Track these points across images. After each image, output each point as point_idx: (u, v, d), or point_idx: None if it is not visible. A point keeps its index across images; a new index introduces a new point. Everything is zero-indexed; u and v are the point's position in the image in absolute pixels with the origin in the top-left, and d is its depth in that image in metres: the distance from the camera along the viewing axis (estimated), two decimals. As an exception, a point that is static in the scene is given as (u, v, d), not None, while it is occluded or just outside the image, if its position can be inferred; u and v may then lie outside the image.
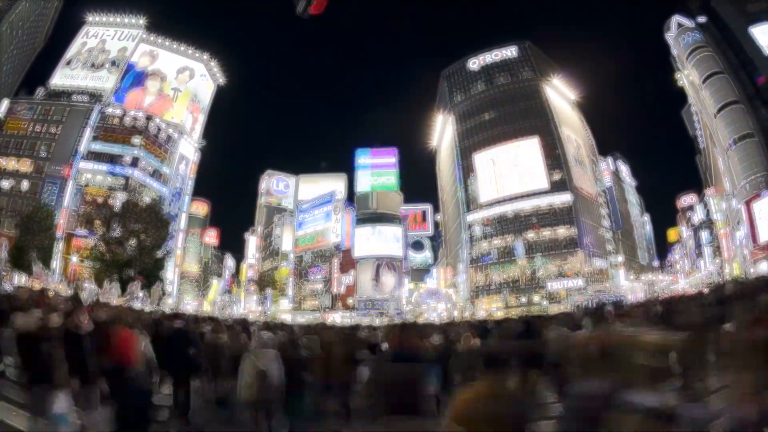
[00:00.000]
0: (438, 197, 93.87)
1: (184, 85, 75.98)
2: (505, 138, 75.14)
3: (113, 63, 70.09)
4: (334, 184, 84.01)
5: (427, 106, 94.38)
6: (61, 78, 67.99)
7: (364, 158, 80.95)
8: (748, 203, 49.56)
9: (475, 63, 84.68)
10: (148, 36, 73.75)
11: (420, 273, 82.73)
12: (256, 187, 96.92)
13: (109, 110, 65.66)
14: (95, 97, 66.12)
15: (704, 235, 78.90)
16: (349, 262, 74.08)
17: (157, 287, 47.90)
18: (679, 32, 64.05)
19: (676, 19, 65.02)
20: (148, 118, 67.71)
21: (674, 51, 66.56)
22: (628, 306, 14.59)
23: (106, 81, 68.06)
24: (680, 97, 73.89)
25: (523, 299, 67.91)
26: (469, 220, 74.12)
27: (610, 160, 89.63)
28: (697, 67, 60.46)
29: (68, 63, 69.73)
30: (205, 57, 78.34)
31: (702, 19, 61.12)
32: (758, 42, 51.27)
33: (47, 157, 60.12)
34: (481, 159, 75.43)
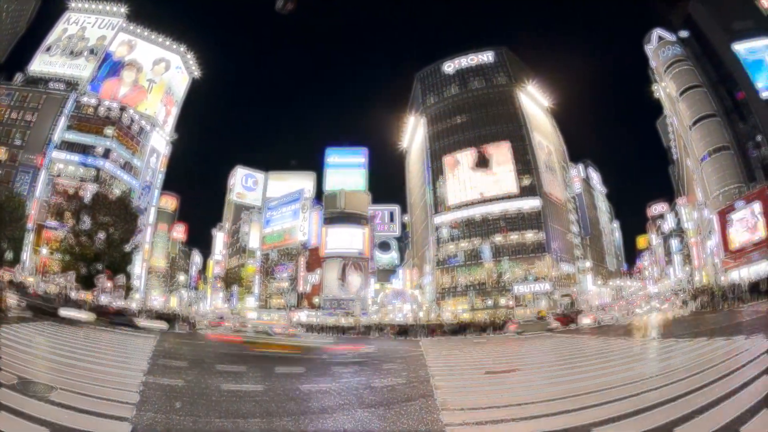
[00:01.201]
0: (406, 198, 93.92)
1: (159, 76, 74.71)
2: (476, 142, 75.17)
3: (91, 51, 68.58)
4: (303, 182, 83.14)
5: (399, 108, 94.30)
6: (39, 64, 66.29)
7: (333, 157, 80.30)
8: (720, 213, 50.09)
9: (450, 66, 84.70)
10: (127, 25, 72.41)
11: (386, 273, 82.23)
12: (226, 182, 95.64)
13: (85, 99, 64.23)
14: (71, 85, 64.67)
15: (674, 242, 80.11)
16: (315, 261, 73.22)
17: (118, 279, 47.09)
18: (660, 45, 65.08)
19: (657, 32, 66.20)
20: (122, 109, 66.44)
21: (653, 63, 67.59)
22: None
23: (83, 69, 66.59)
24: (656, 108, 75.08)
25: (489, 302, 67.87)
26: (436, 222, 73.88)
27: (581, 167, 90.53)
28: (676, 79, 61.48)
29: (48, 49, 68.07)
30: (182, 49, 77.15)
31: (684, 33, 62.22)
32: (741, 59, 51.91)
33: (21, 145, 58.51)
34: (451, 162, 75.21)
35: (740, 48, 52.51)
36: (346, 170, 79.27)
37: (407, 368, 16.31)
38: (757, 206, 44.06)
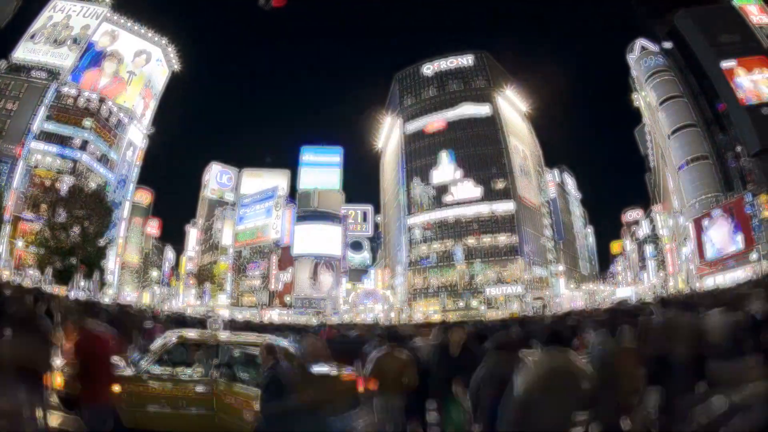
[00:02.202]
0: (380, 198, 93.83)
1: (139, 69, 73.72)
2: (451, 144, 75.39)
3: (75, 40, 67.37)
4: (277, 179, 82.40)
5: (376, 108, 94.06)
6: (23, 52, 64.85)
7: (308, 155, 79.88)
8: (696, 221, 50.74)
9: (429, 68, 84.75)
10: (111, 15, 71.20)
11: (358, 273, 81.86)
12: (200, 178, 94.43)
13: (65, 89, 62.99)
14: (53, 74, 63.38)
15: (649, 249, 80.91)
16: (287, 260, 72.68)
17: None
18: (642, 55, 65.83)
19: (640, 42, 66.87)
20: (101, 100, 65.43)
21: (634, 72, 68.36)
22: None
23: (65, 58, 65.29)
24: (634, 116, 76.12)
25: (461, 304, 67.97)
26: (409, 223, 73.85)
27: (556, 172, 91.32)
28: (656, 89, 62.21)
29: (32, 37, 66.59)
30: (164, 42, 76.19)
31: (667, 44, 62.88)
32: (723, 71, 52.20)
33: (0, 134, 57.15)
34: (426, 163, 75.39)
35: (725, 61, 53.14)
36: (321, 169, 78.95)
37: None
38: (733, 214, 44.85)
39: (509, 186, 72.12)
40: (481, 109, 77.68)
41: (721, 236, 46.27)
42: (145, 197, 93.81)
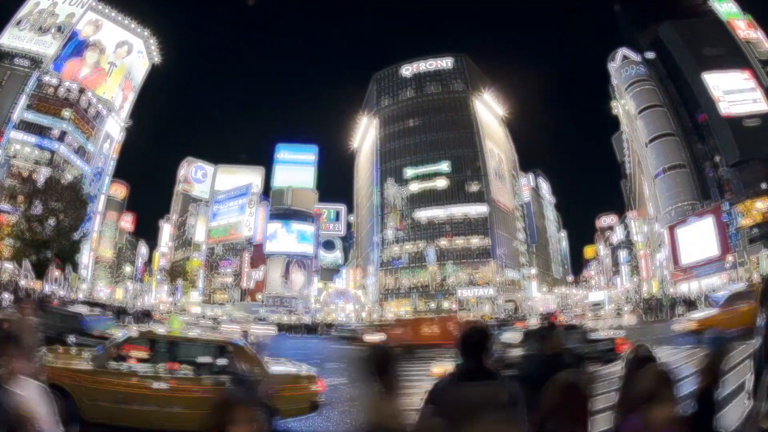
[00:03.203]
0: (353, 198, 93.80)
1: (120, 60, 72.68)
2: (428, 147, 75.61)
3: (59, 29, 66.19)
4: (251, 176, 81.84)
5: (353, 108, 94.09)
6: (9, 38, 63.44)
7: (284, 153, 79.51)
8: (672, 228, 51.65)
9: (408, 70, 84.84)
10: (96, 4, 70.08)
11: (330, 273, 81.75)
12: (175, 173, 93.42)
13: (46, 78, 61.90)
14: (36, 62, 62.20)
15: (623, 254, 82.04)
16: (259, 257, 72.32)
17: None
18: (623, 64, 66.81)
19: (622, 51, 67.94)
20: (81, 91, 64.43)
21: (614, 80, 69.37)
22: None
23: (49, 47, 64.08)
24: (612, 124, 77.12)
25: (432, 305, 68.09)
26: (382, 223, 73.82)
27: (531, 176, 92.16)
28: (636, 98, 63.27)
29: (18, 23, 65.26)
30: (146, 33, 75.19)
31: (650, 54, 63.81)
32: (707, 83, 53.15)
33: None
34: (401, 164, 75.48)
35: (707, 73, 53.89)
36: (296, 167, 78.65)
37: (350, 367, 15.90)
38: (710, 222, 45.64)
39: (483, 189, 72.48)
40: (457, 113, 78.09)
41: (697, 243, 47.00)
42: (120, 191, 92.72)
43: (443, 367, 6.46)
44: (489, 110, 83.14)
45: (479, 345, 2.53)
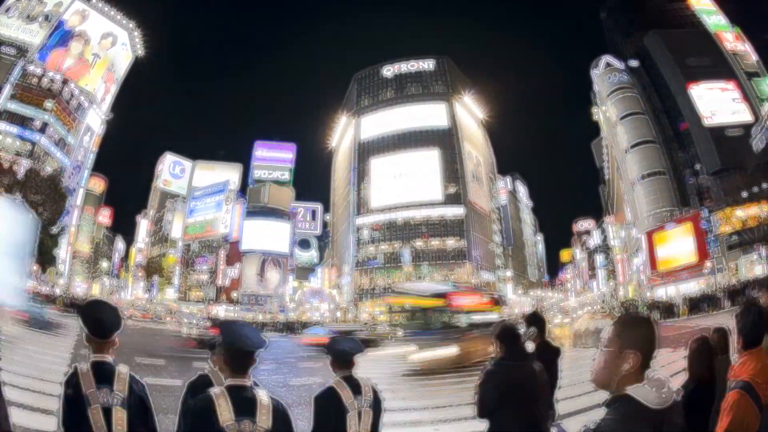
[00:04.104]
0: (330, 197, 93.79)
1: (104, 51, 71.82)
2: (406, 146, 75.86)
3: (46, 17, 65.23)
4: (229, 173, 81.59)
5: (333, 107, 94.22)
6: None
7: (262, 150, 79.46)
8: (650, 233, 52.34)
9: (389, 70, 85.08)
10: None
11: (305, 272, 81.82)
12: (154, 168, 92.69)
13: (31, 68, 60.79)
14: (22, 51, 61.27)
15: (599, 258, 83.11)
16: (235, 255, 72.09)
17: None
18: (607, 71, 67.59)
19: (605, 59, 68.75)
20: (64, 82, 63.39)
21: (596, 87, 70.22)
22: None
23: (35, 35, 63.16)
24: (593, 130, 78.07)
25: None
26: (358, 223, 74.18)
27: (508, 179, 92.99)
28: (618, 105, 64.10)
29: (7, 10, 64.28)
30: (131, 25, 74.37)
31: (634, 63, 64.78)
32: (690, 93, 54.21)
33: None
34: (379, 164, 75.66)
35: (692, 83, 54.68)
36: (273, 165, 78.73)
37: (324, 367, 16.04)
38: (688, 228, 46.37)
39: (460, 191, 73.08)
40: (438, 114, 78.50)
41: (674, 249, 47.86)
42: (98, 185, 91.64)
43: None
44: (468, 112, 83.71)
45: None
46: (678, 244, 47.57)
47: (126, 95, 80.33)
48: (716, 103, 52.74)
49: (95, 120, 72.24)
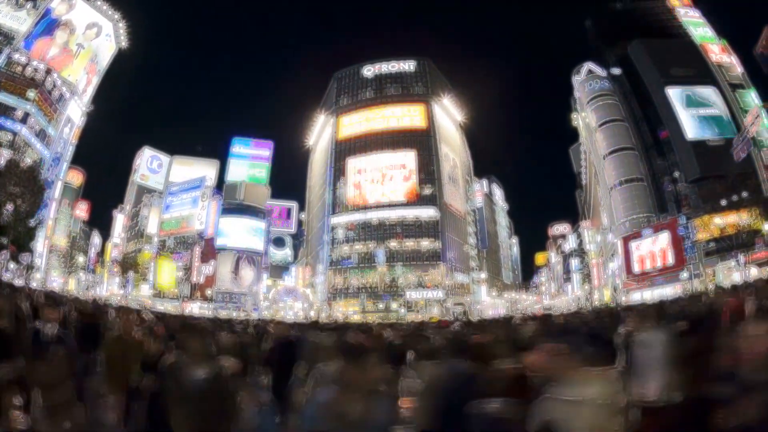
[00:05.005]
0: (305, 196, 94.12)
1: (89, 42, 70.98)
2: (383, 147, 76.33)
3: (34, 5, 64.28)
4: (206, 169, 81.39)
5: (311, 106, 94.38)
6: None
7: (239, 147, 79.34)
8: (626, 239, 53.24)
9: (369, 70, 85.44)
10: None
11: (279, 270, 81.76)
12: (131, 162, 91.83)
13: (16, 56, 59.60)
14: (8, 38, 60.24)
15: (574, 262, 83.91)
16: (210, 252, 72.05)
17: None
18: (588, 78, 68.44)
19: (587, 65, 69.61)
20: (48, 71, 62.22)
21: (577, 93, 70.97)
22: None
23: (23, 23, 62.10)
24: (571, 135, 79.05)
25: (381, 306, 68.85)
26: (333, 222, 74.57)
27: (485, 182, 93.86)
28: (598, 111, 64.90)
29: None
30: (116, 16, 73.67)
31: (616, 70, 65.57)
32: (672, 102, 55.14)
33: None
34: (355, 164, 76.04)
35: (673, 92, 55.57)
36: (250, 162, 78.71)
37: None
38: (666, 235, 47.30)
39: (436, 192, 73.74)
40: (417, 116, 79.09)
41: (651, 254, 48.87)
42: (76, 178, 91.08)
43: None
44: (447, 115, 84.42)
45: None
46: (655, 249, 48.55)
47: (107, 88, 79.57)
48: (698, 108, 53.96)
49: (76, 112, 71.53)
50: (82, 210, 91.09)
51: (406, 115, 79.50)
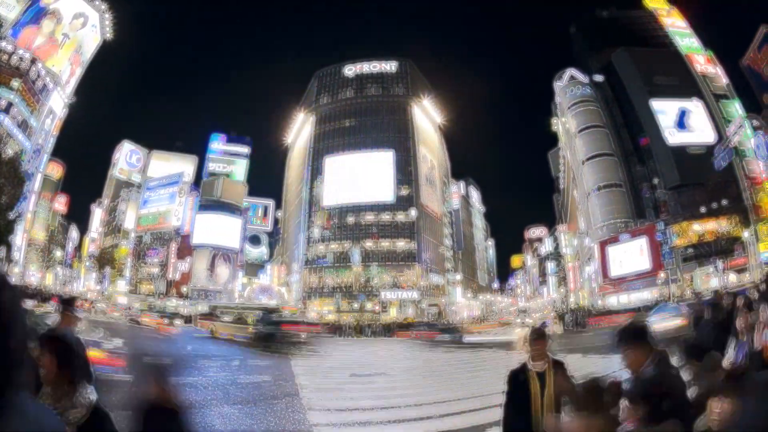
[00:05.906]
0: (282, 194, 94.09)
1: (74, 32, 70.22)
2: (361, 147, 76.83)
3: None
4: (184, 165, 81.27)
5: (290, 103, 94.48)
6: None
7: (217, 143, 79.39)
8: (603, 243, 54.16)
9: (351, 70, 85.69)
10: None
11: (254, 268, 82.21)
12: (111, 155, 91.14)
13: (3, 44, 58.84)
14: None
15: (550, 265, 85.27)
16: (186, 249, 72.29)
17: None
18: (570, 84, 69.22)
19: (570, 71, 70.47)
20: (33, 61, 61.55)
21: (558, 99, 71.82)
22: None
23: (11, 10, 61.18)
24: (550, 140, 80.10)
25: (356, 305, 69.31)
26: (309, 221, 74.80)
27: (462, 184, 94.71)
28: (578, 117, 65.71)
29: None
30: (103, 7, 73.06)
31: (599, 77, 66.43)
32: (654, 109, 55.98)
33: None
34: (333, 163, 76.40)
35: (656, 101, 56.40)
36: (229, 159, 78.82)
37: (272, 365, 16.61)
38: (643, 240, 48.37)
39: (413, 193, 74.29)
40: (396, 116, 79.65)
41: (628, 258, 49.84)
42: (56, 171, 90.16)
43: None
44: (426, 116, 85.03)
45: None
46: (632, 254, 49.52)
47: (90, 80, 78.88)
48: (678, 119, 54.93)
49: (58, 103, 70.85)
50: (61, 203, 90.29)
51: (385, 116, 79.90)
